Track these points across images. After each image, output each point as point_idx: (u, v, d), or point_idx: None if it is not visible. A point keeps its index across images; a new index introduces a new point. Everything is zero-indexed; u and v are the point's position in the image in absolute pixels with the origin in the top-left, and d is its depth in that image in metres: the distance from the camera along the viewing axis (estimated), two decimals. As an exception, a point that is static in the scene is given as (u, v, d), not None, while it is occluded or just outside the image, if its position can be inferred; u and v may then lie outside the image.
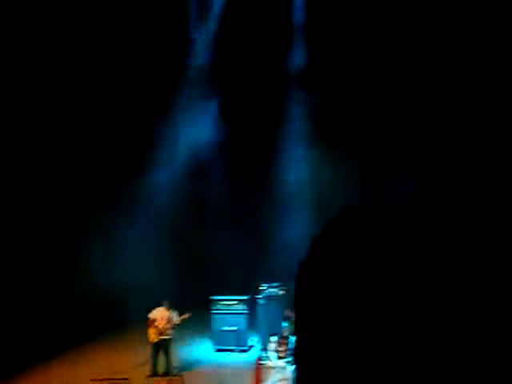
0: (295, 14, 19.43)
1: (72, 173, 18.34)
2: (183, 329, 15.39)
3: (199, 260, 18.57)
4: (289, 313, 15.29)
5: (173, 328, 14.53)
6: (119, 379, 13.64)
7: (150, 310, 14.56)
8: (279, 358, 13.13)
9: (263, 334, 15.45)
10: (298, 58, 19.43)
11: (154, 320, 14.48)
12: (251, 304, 16.45)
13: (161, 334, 14.39)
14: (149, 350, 14.50)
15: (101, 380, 13.49)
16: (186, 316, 14.56)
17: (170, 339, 14.54)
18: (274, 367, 13.09)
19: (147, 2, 18.41)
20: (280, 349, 13.18)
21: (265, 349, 13.22)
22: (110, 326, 16.88)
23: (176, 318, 14.52)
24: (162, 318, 14.48)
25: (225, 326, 16.33)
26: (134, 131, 18.89)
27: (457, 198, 14.15)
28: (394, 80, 17.86)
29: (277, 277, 16.48)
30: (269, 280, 16.60)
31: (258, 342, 15.24)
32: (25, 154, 17.46)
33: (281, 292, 16.44)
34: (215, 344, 16.45)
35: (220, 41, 19.44)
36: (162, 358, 14.47)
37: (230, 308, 16.45)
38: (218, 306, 16.49)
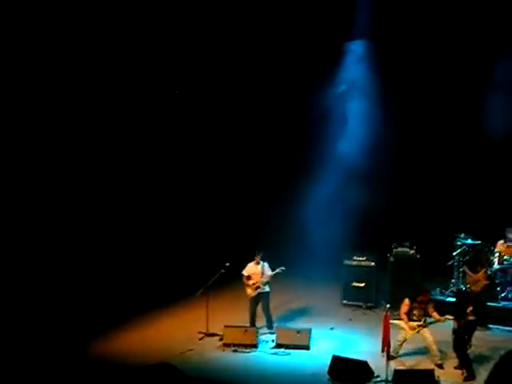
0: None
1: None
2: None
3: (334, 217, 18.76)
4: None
5: (267, 282, 14.62)
6: (248, 327, 14.29)
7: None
8: (411, 320, 13.13)
9: (392, 292, 15.50)
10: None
11: (249, 276, 14.70)
12: (382, 262, 16.53)
13: (257, 288, 14.61)
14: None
15: (234, 326, 14.17)
16: (278, 271, 14.54)
17: (267, 293, 14.71)
18: (403, 327, 13.13)
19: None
20: (414, 312, 13.12)
21: (394, 307, 13.21)
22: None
23: (268, 271, 14.59)
24: (255, 274, 14.67)
25: (354, 281, 16.53)
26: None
27: None
28: None
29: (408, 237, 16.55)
30: (400, 240, 16.61)
31: (386, 299, 15.28)
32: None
33: (411, 251, 16.41)
34: (344, 298, 16.68)
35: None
36: (260, 312, 14.72)
37: (359, 264, 16.61)
38: (349, 262, 16.67)
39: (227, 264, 14.64)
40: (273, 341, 14.08)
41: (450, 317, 12.88)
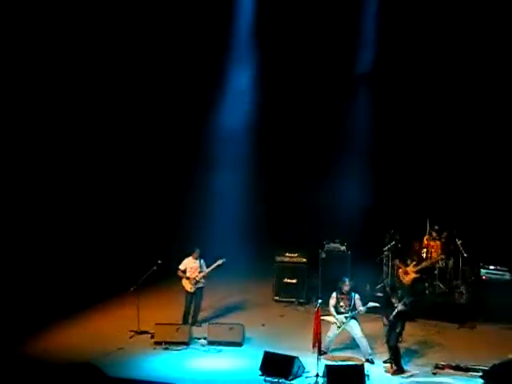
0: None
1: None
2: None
3: (267, 214, 18.82)
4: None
5: (204, 277, 14.75)
6: (180, 324, 14.23)
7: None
8: (339, 313, 13.32)
9: (324, 288, 15.65)
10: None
11: (185, 270, 14.78)
12: (313, 258, 16.67)
13: (196, 283, 14.69)
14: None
15: (165, 324, 14.07)
16: (219, 262, 14.69)
17: (203, 288, 14.83)
18: (333, 322, 13.30)
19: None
20: (341, 304, 13.35)
21: (325, 303, 13.34)
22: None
23: (205, 267, 14.73)
24: (192, 268, 14.76)
25: (286, 277, 16.62)
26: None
27: None
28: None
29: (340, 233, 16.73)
30: (332, 236, 16.79)
31: (317, 295, 15.42)
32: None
33: (342, 247, 16.63)
34: (275, 294, 16.75)
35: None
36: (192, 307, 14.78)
37: (291, 260, 16.71)
38: (281, 258, 16.74)
39: (159, 261, 14.55)
40: (205, 338, 14.02)
41: (373, 303, 13.13)
